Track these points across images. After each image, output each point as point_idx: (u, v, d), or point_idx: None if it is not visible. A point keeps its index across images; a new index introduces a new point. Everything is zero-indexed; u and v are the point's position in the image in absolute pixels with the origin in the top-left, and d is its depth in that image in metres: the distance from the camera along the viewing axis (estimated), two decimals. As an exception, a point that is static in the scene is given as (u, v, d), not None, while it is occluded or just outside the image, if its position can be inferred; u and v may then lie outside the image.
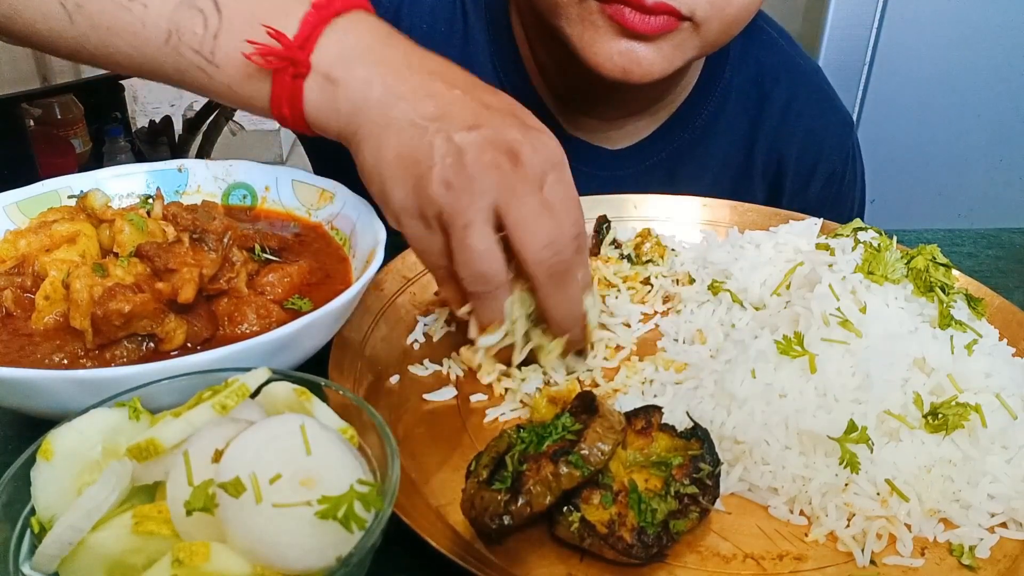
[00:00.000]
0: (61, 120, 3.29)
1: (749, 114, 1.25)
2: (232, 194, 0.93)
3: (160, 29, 0.77)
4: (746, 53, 1.23)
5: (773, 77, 1.25)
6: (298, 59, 0.75)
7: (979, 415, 0.71)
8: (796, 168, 1.28)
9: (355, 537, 0.47)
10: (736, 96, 1.24)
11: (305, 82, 0.76)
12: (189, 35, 0.77)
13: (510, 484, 0.61)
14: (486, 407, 0.79)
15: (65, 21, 0.78)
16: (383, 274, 0.91)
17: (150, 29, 0.78)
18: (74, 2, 0.77)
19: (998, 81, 2.45)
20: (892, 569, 0.65)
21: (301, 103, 0.77)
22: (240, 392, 0.54)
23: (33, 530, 0.51)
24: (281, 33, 0.75)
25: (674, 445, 0.68)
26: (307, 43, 0.75)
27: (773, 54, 1.26)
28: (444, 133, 0.70)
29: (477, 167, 0.69)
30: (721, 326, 0.87)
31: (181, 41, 0.77)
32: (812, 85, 1.29)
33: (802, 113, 1.26)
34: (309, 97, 0.77)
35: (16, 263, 0.76)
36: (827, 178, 1.29)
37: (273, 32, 0.75)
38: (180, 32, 0.77)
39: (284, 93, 0.77)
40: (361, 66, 0.75)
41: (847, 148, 1.32)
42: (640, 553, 0.60)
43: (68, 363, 0.67)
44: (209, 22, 0.77)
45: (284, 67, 0.76)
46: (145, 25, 0.78)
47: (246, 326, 0.74)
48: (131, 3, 0.77)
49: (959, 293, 0.83)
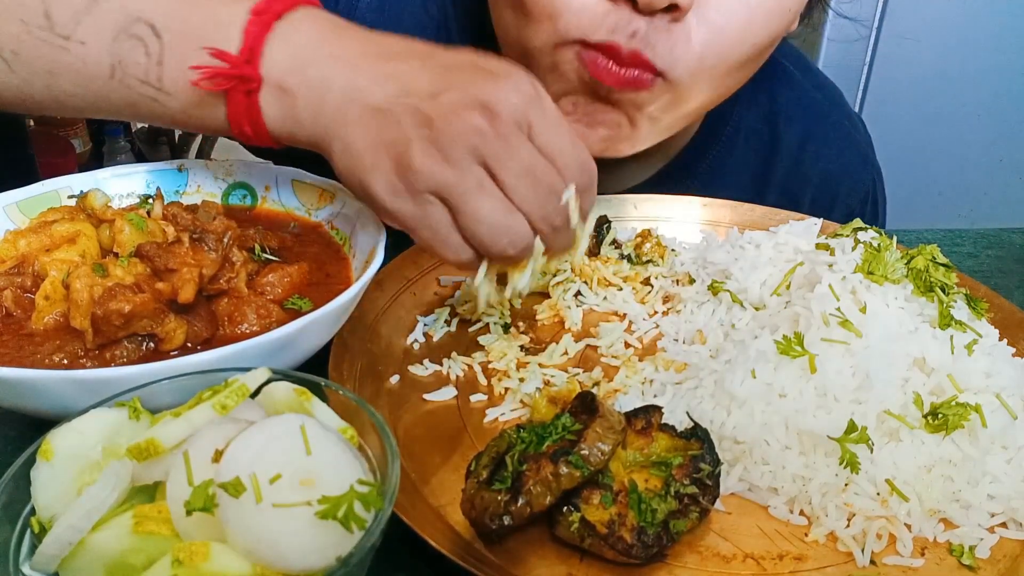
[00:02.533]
0: (61, 120, 3.28)
1: (760, 156, 1.17)
2: (232, 194, 0.93)
3: (103, 64, 0.74)
4: (758, 89, 1.12)
5: (787, 116, 1.17)
6: (247, 75, 0.72)
7: (979, 415, 0.71)
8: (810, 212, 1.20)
9: (355, 537, 0.47)
10: (746, 137, 1.16)
11: (260, 96, 0.73)
12: (132, 66, 0.74)
13: (510, 484, 0.61)
14: (486, 407, 0.79)
15: (4, 71, 0.76)
16: (383, 274, 0.91)
17: (92, 66, 0.75)
18: (10, 50, 0.75)
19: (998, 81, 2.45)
20: (892, 569, 0.65)
21: (261, 118, 0.74)
22: (240, 392, 0.54)
23: (33, 530, 0.51)
24: (224, 52, 0.72)
25: (674, 445, 0.68)
26: (253, 55, 0.72)
27: (788, 89, 1.18)
28: (410, 106, 0.67)
29: (454, 132, 0.66)
30: (721, 326, 0.87)
31: (126, 73, 0.74)
32: (830, 122, 1.21)
33: (819, 155, 1.18)
34: (267, 111, 0.74)
35: (16, 263, 0.76)
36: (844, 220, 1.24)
37: (215, 52, 0.71)
38: (124, 64, 0.74)
39: (240, 111, 0.74)
40: (313, 67, 0.72)
41: (866, 186, 1.24)
42: (640, 553, 0.60)
43: (68, 363, 0.67)
44: (150, 49, 0.73)
45: (234, 86, 0.72)
46: (86, 63, 0.74)
47: (246, 326, 0.74)
48: (67, 42, 0.74)
49: (959, 293, 0.83)
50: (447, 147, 0.66)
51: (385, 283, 0.91)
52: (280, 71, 0.72)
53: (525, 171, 0.68)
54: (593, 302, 0.95)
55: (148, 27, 0.73)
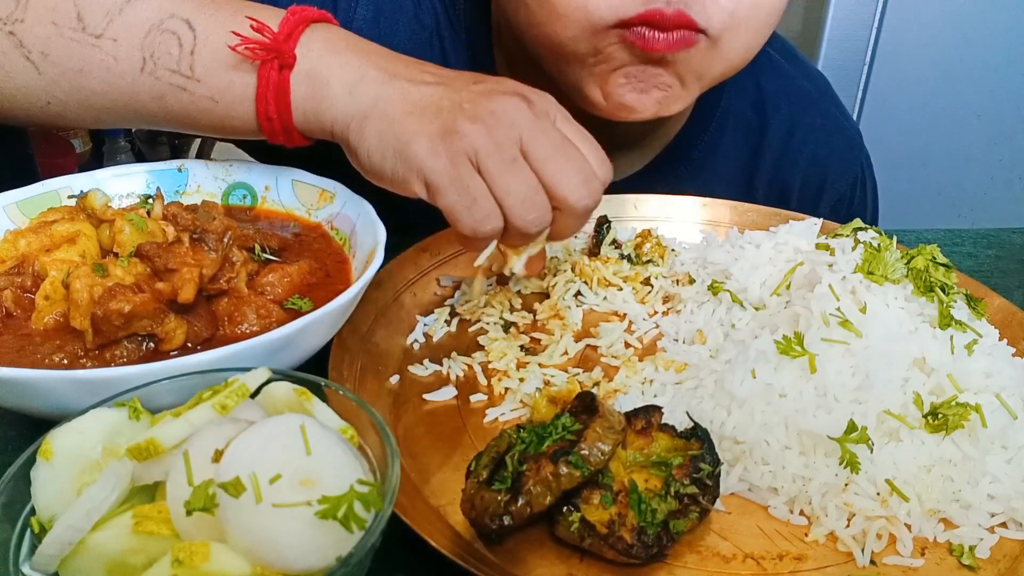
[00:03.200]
0: (61, 120, 3.29)
1: (750, 143, 1.20)
2: (232, 194, 0.93)
3: (134, 60, 0.77)
4: (745, 78, 1.14)
5: (774, 102, 1.20)
6: (283, 49, 0.76)
7: (979, 415, 0.71)
8: (800, 196, 1.24)
9: (355, 537, 0.47)
10: (735, 124, 1.19)
11: (291, 76, 0.77)
12: (164, 57, 0.77)
13: (510, 484, 0.61)
14: (486, 407, 0.79)
15: (32, 73, 0.78)
16: (383, 274, 0.91)
17: (123, 62, 0.77)
18: (40, 51, 0.77)
19: (998, 81, 2.45)
20: (892, 569, 0.65)
21: (287, 97, 0.77)
22: (240, 392, 0.54)
23: (33, 530, 0.51)
24: (265, 25, 0.76)
25: (674, 445, 0.68)
26: (290, 37, 0.76)
27: (775, 77, 1.21)
28: (452, 89, 0.74)
29: (495, 107, 0.72)
30: (721, 326, 0.87)
31: (157, 65, 0.77)
32: (816, 109, 1.24)
33: (806, 139, 1.21)
34: (296, 90, 0.77)
35: (16, 263, 0.76)
36: (834, 204, 1.26)
37: (257, 25, 0.75)
38: (155, 57, 0.77)
39: (270, 88, 0.77)
40: (349, 54, 0.77)
41: (854, 170, 1.27)
42: (640, 553, 0.60)
43: (68, 363, 0.67)
44: (184, 41, 0.77)
45: (270, 59, 0.76)
46: (118, 59, 0.77)
47: (246, 326, 0.74)
48: (99, 40, 0.77)
49: (959, 293, 0.83)
50: (488, 118, 0.71)
51: (385, 283, 0.91)
52: (315, 55, 0.77)
53: (557, 150, 0.73)
54: (593, 302, 0.95)
55: (183, 22, 0.77)
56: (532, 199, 0.73)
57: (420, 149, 0.72)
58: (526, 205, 0.72)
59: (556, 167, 0.73)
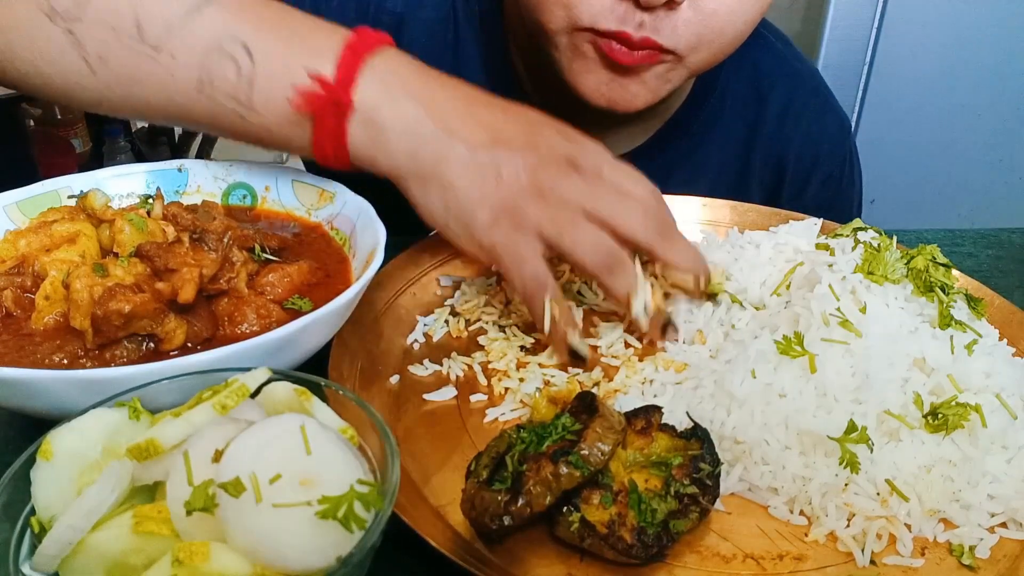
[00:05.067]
0: (61, 120, 3.29)
1: (746, 118, 1.25)
2: (232, 194, 0.93)
3: (191, 78, 0.77)
4: (742, 56, 1.20)
5: (770, 80, 1.25)
6: (341, 100, 0.76)
7: (979, 415, 0.71)
8: (794, 171, 1.28)
9: (355, 537, 0.47)
10: (733, 100, 1.24)
11: (349, 122, 0.77)
12: (222, 81, 0.76)
13: (510, 484, 0.61)
14: (486, 407, 0.79)
15: (87, 75, 0.77)
16: (383, 274, 0.91)
17: (180, 80, 0.77)
18: (97, 55, 0.76)
19: (998, 81, 2.45)
20: (892, 569, 0.65)
21: (345, 142, 0.78)
22: (240, 392, 0.54)
23: (33, 530, 0.51)
24: (322, 76, 0.75)
25: (674, 445, 0.68)
26: (347, 83, 0.76)
27: (770, 57, 1.26)
28: (507, 155, 0.78)
29: (554, 178, 0.78)
30: (721, 326, 0.87)
31: (215, 88, 0.77)
32: (810, 88, 1.29)
33: (800, 116, 1.26)
34: (354, 138, 0.78)
35: (16, 263, 0.76)
36: (824, 181, 1.29)
37: (314, 75, 0.75)
38: (212, 79, 0.76)
39: (327, 135, 0.77)
40: (406, 101, 0.78)
41: (844, 151, 1.32)
42: (640, 553, 0.60)
43: (68, 363, 0.67)
44: (242, 68, 0.76)
45: (327, 110, 0.76)
46: (174, 76, 0.77)
47: (246, 326, 0.74)
48: (157, 53, 0.76)
49: (959, 293, 0.83)
50: (548, 195, 0.77)
51: (385, 283, 0.91)
52: (372, 102, 0.77)
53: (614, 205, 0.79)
54: (593, 302, 0.95)
55: (242, 47, 0.76)
56: (598, 243, 0.78)
57: (483, 221, 0.78)
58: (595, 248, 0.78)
59: (619, 220, 0.78)
